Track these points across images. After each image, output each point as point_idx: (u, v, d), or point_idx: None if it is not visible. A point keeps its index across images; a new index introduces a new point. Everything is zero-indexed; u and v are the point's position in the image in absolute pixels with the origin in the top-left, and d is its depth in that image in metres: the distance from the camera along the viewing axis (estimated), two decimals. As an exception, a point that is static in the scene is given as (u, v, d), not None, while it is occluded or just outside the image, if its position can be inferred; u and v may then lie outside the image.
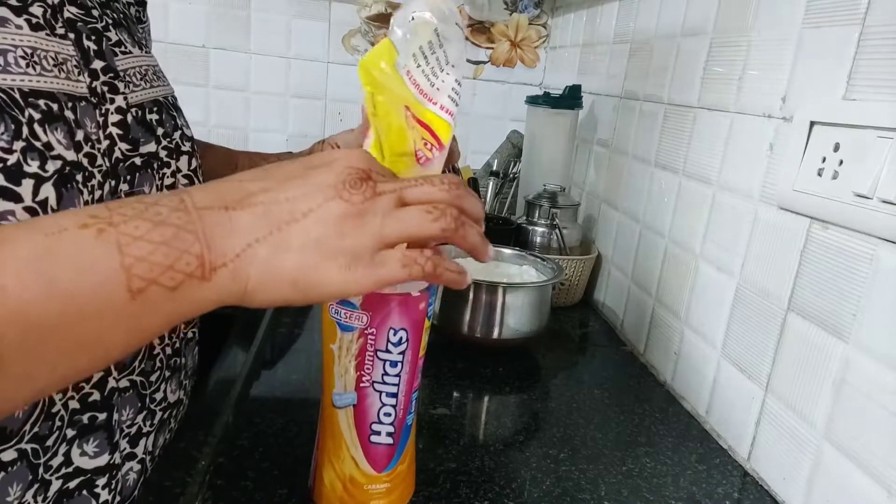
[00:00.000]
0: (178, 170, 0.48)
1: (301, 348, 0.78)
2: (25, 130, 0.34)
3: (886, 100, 0.47)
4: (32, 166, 0.34)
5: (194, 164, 0.50)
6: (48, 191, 0.35)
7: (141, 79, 0.46)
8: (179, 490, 0.49)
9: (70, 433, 0.39)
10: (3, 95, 0.33)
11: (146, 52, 0.49)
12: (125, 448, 0.45)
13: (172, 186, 0.47)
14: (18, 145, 0.33)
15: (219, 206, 0.32)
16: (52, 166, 0.35)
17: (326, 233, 0.33)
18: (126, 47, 0.45)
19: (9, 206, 0.33)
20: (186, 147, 0.50)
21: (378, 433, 0.46)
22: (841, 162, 0.50)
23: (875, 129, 0.47)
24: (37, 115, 0.35)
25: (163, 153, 0.46)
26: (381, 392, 0.45)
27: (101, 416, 0.41)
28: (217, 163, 0.66)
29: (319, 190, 0.33)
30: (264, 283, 0.32)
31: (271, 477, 0.52)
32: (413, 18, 0.42)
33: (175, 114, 0.50)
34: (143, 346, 0.43)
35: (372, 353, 0.45)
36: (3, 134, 0.33)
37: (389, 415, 0.46)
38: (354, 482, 0.47)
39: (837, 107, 0.52)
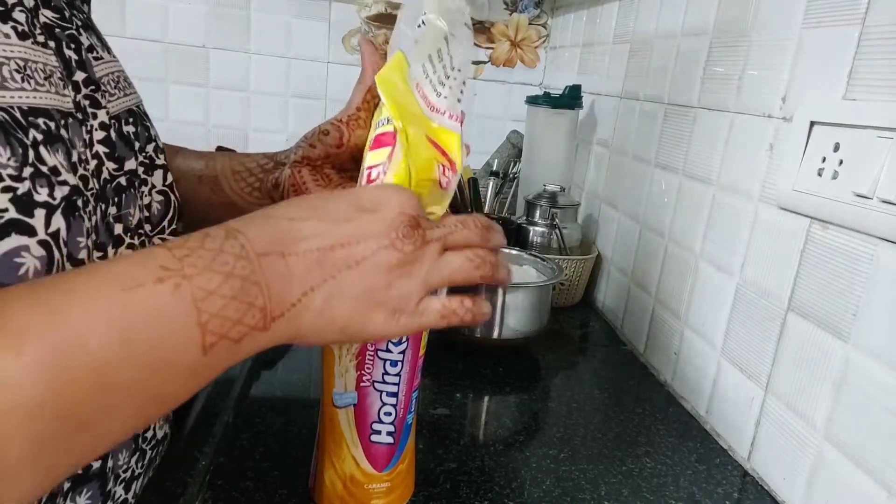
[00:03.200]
0: (154, 186, 0.45)
1: (301, 348, 0.78)
2: (32, 154, 0.30)
3: (886, 100, 0.47)
4: (42, 194, 0.31)
5: (169, 178, 0.47)
6: (59, 221, 0.31)
7: (115, 87, 0.42)
8: (180, 490, 0.49)
9: (66, 486, 0.37)
10: (4, 115, 0.30)
11: (113, 56, 0.44)
12: (120, 495, 0.42)
13: (148, 206, 0.44)
14: (28, 171, 0.30)
15: (276, 251, 0.32)
16: (59, 193, 0.32)
17: (377, 282, 0.34)
18: (98, 52, 0.41)
19: (23, 240, 0.30)
20: (160, 160, 0.46)
21: (379, 432, 0.46)
22: (841, 162, 0.50)
23: (875, 129, 0.47)
24: (39, 136, 0.31)
25: (140, 169, 0.43)
26: (381, 391, 0.45)
27: (96, 465, 0.39)
28: (189, 162, 0.60)
29: (374, 237, 0.34)
30: (316, 329, 0.34)
31: (271, 477, 0.52)
32: (423, 23, 0.41)
33: (148, 124, 0.46)
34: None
35: (372, 353, 0.45)
36: (10, 160, 0.29)
37: (390, 414, 0.46)
38: (355, 481, 0.47)
39: (837, 107, 0.52)
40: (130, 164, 0.42)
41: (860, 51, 0.50)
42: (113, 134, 0.40)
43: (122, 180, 0.40)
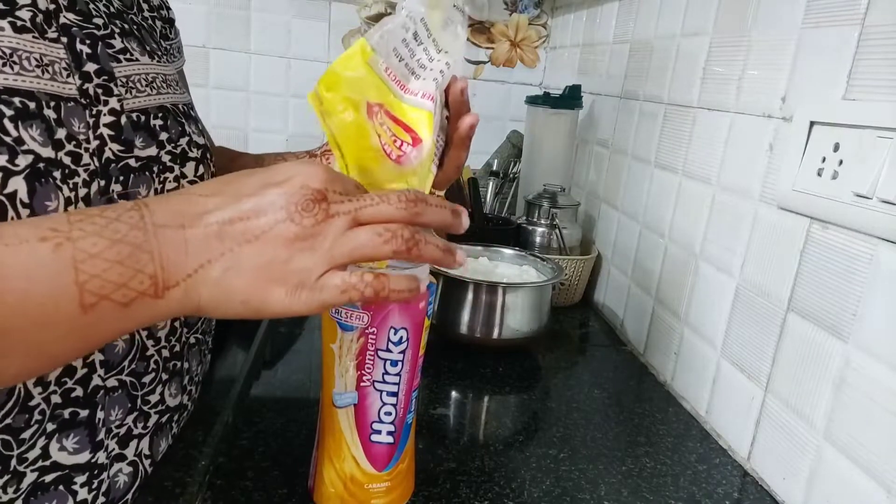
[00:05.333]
0: (184, 175, 0.49)
1: (301, 348, 0.78)
2: None
3: (886, 100, 0.47)
4: (0, 160, 0.34)
5: (202, 170, 0.51)
6: (18, 184, 0.35)
7: (146, 85, 0.47)
8: (179, 490, 0.49)
9: (50, 427, 0.40)
10: None
11: (158, 62, 0.49)
12: (113, 448, 0.45)
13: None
14: None
15: (175, 224, 0.33)
16: (23, 161, 0.35)
17: (276, 256, 0.34)
18: (132, 55, 0.46)
19: None
20: (194, 154, 0.50)
21: (379, 432, 0.46)
22: (841, 162, 0.50)
23: (875, 129, 0.47)
24: (9, 112, 0.35)
25: (166, 158, 0.47)
26: (381, 391, 0.46)
27: (83, 413, 0.41)
28: (247, 164, 0.67)
29: (273, 211, 0.34)
30: (216, 301, 0.34)
31: (271, 477, 0.52)
32: (403, 8, 0.42)
33: (184, 121, 0.50)
34: (93, 351, 0.42)
35: (373, 353, 0.45)
36: None
37: (390, 414, 0.46)
38: (355, 481, 0.47)
39: (837, 107, 0.52)
40: (150, 152, 0.45)
41: (860, 51, 0.50)
42: (124, 121, 0.43)
43: (133, 163, 0.44)
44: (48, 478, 0.40)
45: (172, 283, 0.33)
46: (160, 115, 0.47)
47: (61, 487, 0.41)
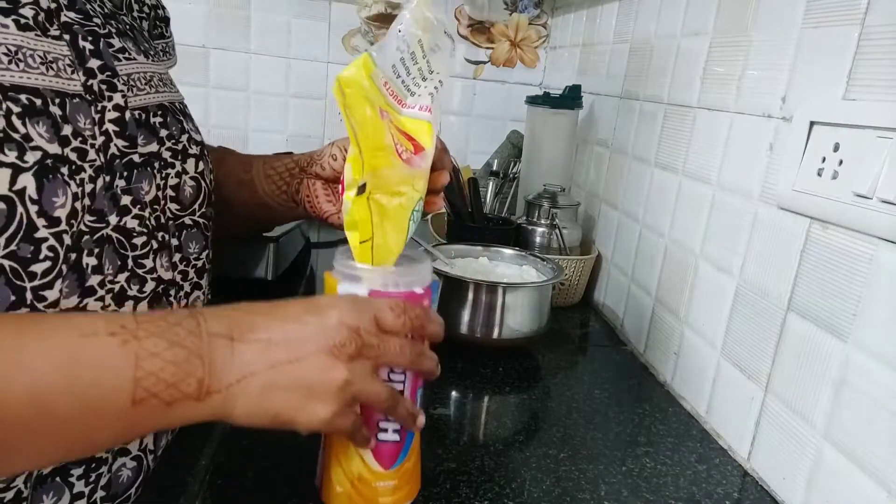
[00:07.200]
0: (185, 171, 0.50)
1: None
2: (2, 122, 0.35)
3: (886, 100, 0.47)
4: (10, 157, 0.35)
5: (202, 166, 0.51)
6: (27, 180, 0.36)
7: (146, 84, 0.47)
8: (180, 490, 0.49)
9: None
10: None
11: (153, 61, 0.50)
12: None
13: (177, 186, 0.48)
14: None
15: (227, 335, 0.37)
16: (31, 157, 0.36)
17: (311, 380, 0.39)
18: (130, 54, 0.46)
19: None
20: (194, 150, 0.51)
21: (385, 430, 0.46)
22: (841, 162, 0.50)
23: (875, 129, 0.47)
24: (16, 109, 0.36)
25: (167, 154, 0.47)
26: (386, 390, 0.46)
27: None
28: (234, 168, 0.68)
29: (313, 339, 0.39)
30: (249, 412, 0.38)
31: (272, 477, 0.52)
32: (400, 31, 0.44)
33: (182, 119, 0.51)
34: (124, 444, 0.45)
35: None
36: None
37: (395, 412, 0.46)
38: (363, 480, 0.47)
39: (837, 107, 0.52)
40: (151, 148, 0.46)
41: (860, 51, 0.50)
42: (128, 117, 0.44)
43: (136, 158, 0.44)
44: (45, 469, 0.40)
45: (215, 389, 0.36)
46: (159, 112, 0.48)
47: (58, 479, 0.41)
